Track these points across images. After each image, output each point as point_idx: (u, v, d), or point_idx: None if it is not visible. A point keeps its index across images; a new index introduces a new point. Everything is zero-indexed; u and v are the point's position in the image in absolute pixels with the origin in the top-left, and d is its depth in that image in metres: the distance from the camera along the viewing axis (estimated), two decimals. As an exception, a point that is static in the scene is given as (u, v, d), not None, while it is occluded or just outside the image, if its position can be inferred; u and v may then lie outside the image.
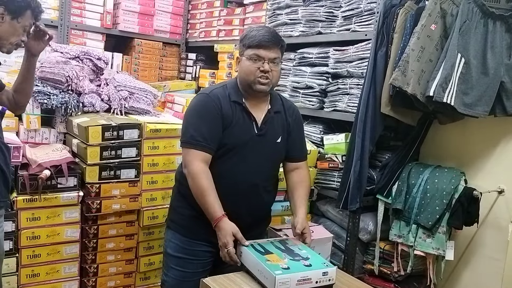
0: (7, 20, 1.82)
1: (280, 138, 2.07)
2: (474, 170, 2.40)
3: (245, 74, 1.95)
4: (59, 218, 2.49)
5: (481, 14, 2.14)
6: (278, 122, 2.07)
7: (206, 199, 1.87)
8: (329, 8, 2.76)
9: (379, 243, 2.46)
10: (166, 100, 3.57)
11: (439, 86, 2.10)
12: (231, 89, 2.01)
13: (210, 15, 3.99)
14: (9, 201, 2.20)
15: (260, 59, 1.92)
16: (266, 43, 1.92)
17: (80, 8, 3.64)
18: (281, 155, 2.11)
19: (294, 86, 2.92)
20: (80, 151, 2.61)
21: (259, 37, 1.92)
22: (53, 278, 2.53)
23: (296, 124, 2.14)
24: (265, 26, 2.00)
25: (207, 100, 1.97)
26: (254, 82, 1.94)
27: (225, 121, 1.95)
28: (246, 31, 2.01)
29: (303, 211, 2.01)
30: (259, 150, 2.00)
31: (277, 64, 1.97)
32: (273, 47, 1.94)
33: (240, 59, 2.00)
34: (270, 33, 1.96)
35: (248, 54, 1.94)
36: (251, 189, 2.00)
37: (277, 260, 1.70)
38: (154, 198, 2.74)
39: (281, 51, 2.00)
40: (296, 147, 2.14)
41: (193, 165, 1.90)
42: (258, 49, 1.92)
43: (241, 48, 2.00)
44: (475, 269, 2.41)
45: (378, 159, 2.58)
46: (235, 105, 1.98)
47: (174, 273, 2.09)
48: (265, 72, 1.92)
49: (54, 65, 2.81)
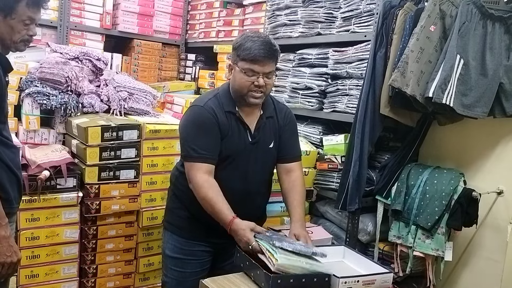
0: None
1: (273, 143, 2.06)
2: (473, 171, 2.40)
3: (239, 87, 1.92)
4: (58, 218, 2.48)
5: (480, 16, 2.15)
6: (270, 127, 2.05)
7: (214, 208, 1.86)
8: (328, 9, 2.76)
9: (378, 244, 2.46)
10: (166, 101, 3.57)
11: (438, 87, 2.10)
12: (224, 98, 1.98)
13: (209, 15, 3.99)
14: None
15: (254, 73, 1.87)
16: (262, 58, 1.85)
17: (80, 9, 3.65)
18: (274, 160, 2.11)
19: (293, 87, 2.92)
20: (80, 151, 2.61)
21: (254, 52, 1.84)
22: (52, 278, 2.53)
23: (288, 126, 2.11)
24: (260, 36, 1.91)
25: (202, 112, 1.94)
26: (248, 95, 1.91)
27: (222, 131, 1.94)
28: (241, 40, 1.92)
29: (297, 217, 2.00)
30: (252, 157, 2.00)
31: (271, 77, 1.92)
32: (268, 62, 1.88)
33: (233, 68, 1.95)
34: (265, 46, 1.86)
35: (243, 67, 1.88)
36: (245, 196, 2.00)
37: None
38: (154, 198, 2.73)
39: (276, 62, 1.95)
40: (287, 147, 2.11)
41: (196, 178, 1.89)
42: (253, 64, 1.86)
43: (235, 57, 1.93)
44: (474, 270, 2.41)
45: (377, 160, 2.58)
46: (230, 115, 1.96)
47: (173, 274, 2.10)
48: (260, 86, 1.89)
49: (53, 65, 2.81)
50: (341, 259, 2.00)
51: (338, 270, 1.76)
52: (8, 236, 1.74)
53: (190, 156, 1.91)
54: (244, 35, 1.95)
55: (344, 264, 1.96)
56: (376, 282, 1.75)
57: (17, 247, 1.80)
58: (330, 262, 1.79)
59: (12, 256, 1.75)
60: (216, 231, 2.01)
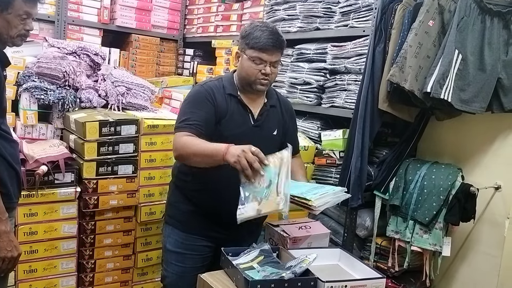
0: None
1: (276, 131, 2.07)
2: (471, 166, 2.41)
3: (246, 74, 1.96)
4: (56, 213, 2.49)
5: (479, 11, 2.14)
6: (274, 116, 2.08)
7: (201, 147, 1.80)
8: (327, 4, 2.76)
9: (376, 239, 2.47)
10: (164, 96, 3.57)
11: (436, 82, 2.10)
12: (226, 83, 2.02)
13: (207, 10, 3.97)
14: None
15: (262, 62, 1.92)
16: (270, 47, 1.91)
17: (77, 3, 3.63)
18: (276, 148, 2.10)
19: (292, 82, 2.92)
20: (77, 146, 2.61)
21: (264, 41, 1.90)
22: (50, 273, 2.53)
23: (291, 119, 2.17)
24: (268, 26, 1.96)
25: (201, 90, 2.00)
26: (255, 82, 1.96)
27: (218, 110, 1.95)
28: (250, 28, 1.97)
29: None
30: (256, 141, 1.96)
31: (277, 66, 1.98)
32: (276, 51, 1.94)
33: (240, 55, 1.99)
34: (274, 35, 1.93)
35: (251, 55, 1.93)
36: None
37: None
38: (152, 194, 2.74)
39: (282, 52, 2.01)
40: (294, 142, 2.14)
41: (178, 138, 1.88)
42: (262, 52, 1.92)
43: (243, 45, 1.98)
44: (472, 265, 2.41)
45: (376, 155, 2.58)
46: (230, 97, 1.99)
47: (174, 269, 2.10)
48: (267, 75, 1.94)
49: (51, 60, 2.80)
50: (337, 262, 1.95)
51: (332, 273, 1.75)
52: (9, 231, 1.74)
53: (178, 127, 1.93)
54: (252, 24, 2.00)
55: (339, 268, 1.92)
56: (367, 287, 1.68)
57: (17, 242, 1.80)
58: (324, 265, 1.78)
59: (13, 251, 1.75)
60: (217, 226, 2.02)
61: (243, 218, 1.68)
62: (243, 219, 1.68)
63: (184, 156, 1.88)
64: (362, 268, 1.83)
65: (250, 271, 1.63)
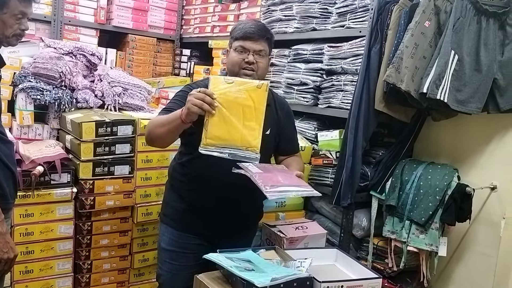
0: None
1: (269, 130, 2.02)
2: (467, 167, 2.41)
3: (231, 65, 2.00)
4: (52, 214, 2.48)
5: (475, 11, 2.15)
6: (267, 115, 2.04)
7: (163, 117, 1.87)
8: (323, 5, 2.76)
9: (373, 239, 2.47)
10: (160, 96, 3.57)
11: (432, 83, 2.11)
12: None
13: (204, 11, 3.97)
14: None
15: (245, 50, 1.96)
16: (251, 35, 1.96)
17: (74, 4, 3.62)
18: (270, 148, 2.09)
19: (288, 82, 2.92)
20: (74, 147, 2.60)
21: (245, 29, 1.97)
22: (46, 274, 2.52)
23: (288, 119, 2.17)
24: (254, 20, 2.05)
25: (188, 86, 2.04)
26: (239, 73, 1.97)
27: None
28: (235, 24, 2.07)
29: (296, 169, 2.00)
30: None
31: (263, 56, 1.99)
32: (259, 39, 1.97)
33: (228, 51, 2.05)
34: (256, 25, 2.00)
35: (235, 46, 1.99)
36: (240, 182, 1.92)
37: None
38: (148, 194, 2.73)
39: (268, 44, 2.02)
40: (291, 142, 2.17)
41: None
42: (244, 40, 1.97)
43: (230, 41, 2.05)
44: (468, 265, 2.42)
45: (372, 155, 2.58)
46: None
47: (168, 267, 2.10)
48: (250, 63, 1.95)
49: (47, 60, 2.79)
50: (333, 263, 1.95)
51: (328, 273, 1.74)
52: (5, 232, 1.73)
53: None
54: (239, 21, 2.06)
55: (335, 268, 1.92)
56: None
57: (13, 243, 1.79)
58: (321, 266, 1.78)
59: (9, 252, 1.74)
60: (211, 224, 2.01)
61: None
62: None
63: (150, 132, 1.91)
64: (359, 268, 1.83)
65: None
